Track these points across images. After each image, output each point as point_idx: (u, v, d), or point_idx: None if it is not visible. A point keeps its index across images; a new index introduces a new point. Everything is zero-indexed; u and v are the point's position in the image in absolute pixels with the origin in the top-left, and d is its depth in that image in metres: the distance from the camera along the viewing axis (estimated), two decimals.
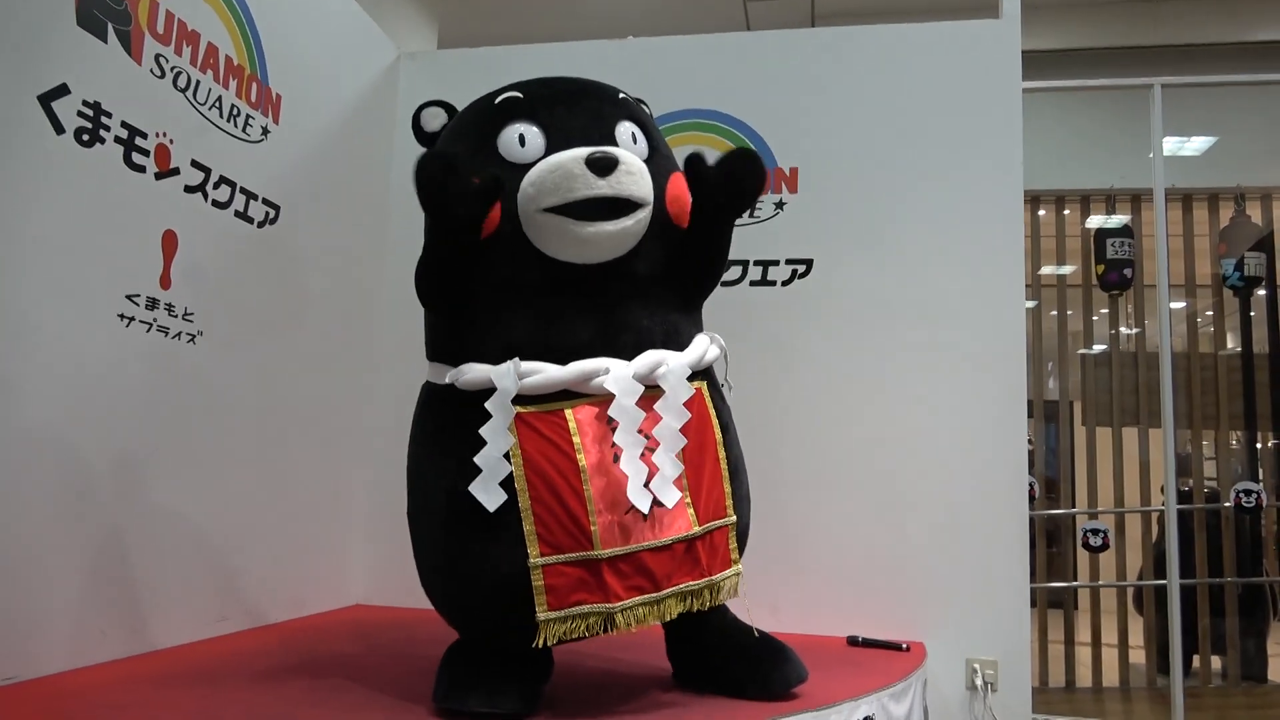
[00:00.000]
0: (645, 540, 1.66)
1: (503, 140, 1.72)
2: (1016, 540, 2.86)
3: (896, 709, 2.19)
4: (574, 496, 1.63)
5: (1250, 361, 4.87)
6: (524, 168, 1.68)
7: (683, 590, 1.70)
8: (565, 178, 1.63)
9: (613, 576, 1.63)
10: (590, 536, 1.63)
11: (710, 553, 1.75)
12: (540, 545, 1.62)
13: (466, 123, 1.84)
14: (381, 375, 3.27)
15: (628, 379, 1.67)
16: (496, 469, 1.62)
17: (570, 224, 1.66)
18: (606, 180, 1.63)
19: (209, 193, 2.38)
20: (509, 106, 1.76)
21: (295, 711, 1.75)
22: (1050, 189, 4.99)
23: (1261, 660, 4.68)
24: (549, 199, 1.64)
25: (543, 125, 1.72)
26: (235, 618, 2.52)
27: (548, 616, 1.62)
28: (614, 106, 1.84)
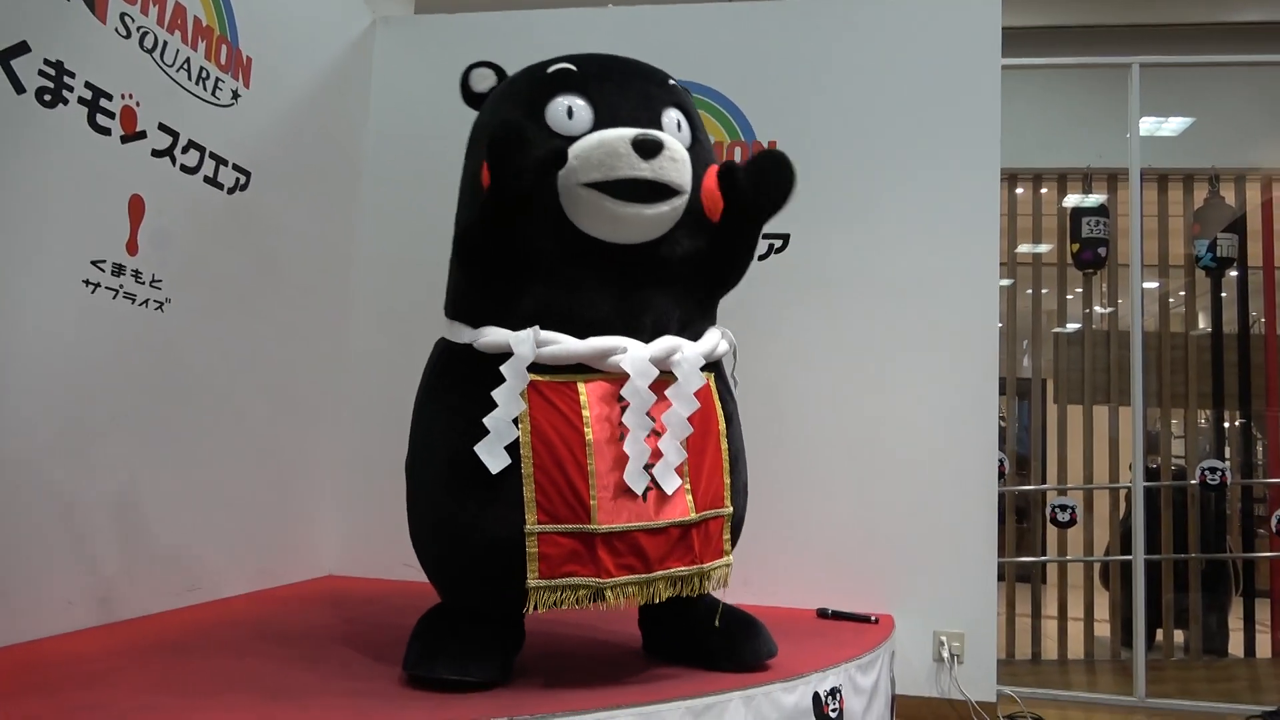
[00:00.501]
0: (642, 520, 1.67)
1: (551, 110, 1.73)
2: (985, 516, 2.90)
3: (863, 680, 2.22)
4: (577, 469, 1.65)
5: (1220, 342, 4.93)
6: (568, 140, 1.69)
7: (673, 575, 1.72)
8: (610, 155, 1.63)
9: (606, 552, 1.65)
10: (589, 510, 1.64)
11: (704, 541, 1.76)
12: (538, 513, 1.64)
13: (517, 88, 1.83)
14: (355, 345, 3.25)
15: (644, 360, 1.69)
16: (504, 432, 1.64)
17: (608, 201, 1.66)
18: (650, 163, 1.64)
19: (177, 157, 2.33)
20: (561, 77, 1.76)
21: (265, 679, 1.75)
22: (1028, 167, 5.00)
23: (1223, 635, 4.78)
24: (591, 174, 1.65)
25: (591, 100, 1.72)
26: (205, 588, 2.51)
27: (538, 584, 1.63)
28: (662, 91, 1.84)
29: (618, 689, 1.74)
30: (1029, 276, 5.10)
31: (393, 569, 3.13)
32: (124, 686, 1.66)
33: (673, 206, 1.71)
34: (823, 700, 1.99)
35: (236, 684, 1.71)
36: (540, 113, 1.72)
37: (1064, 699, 3.36)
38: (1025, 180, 5.07)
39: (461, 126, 3.31)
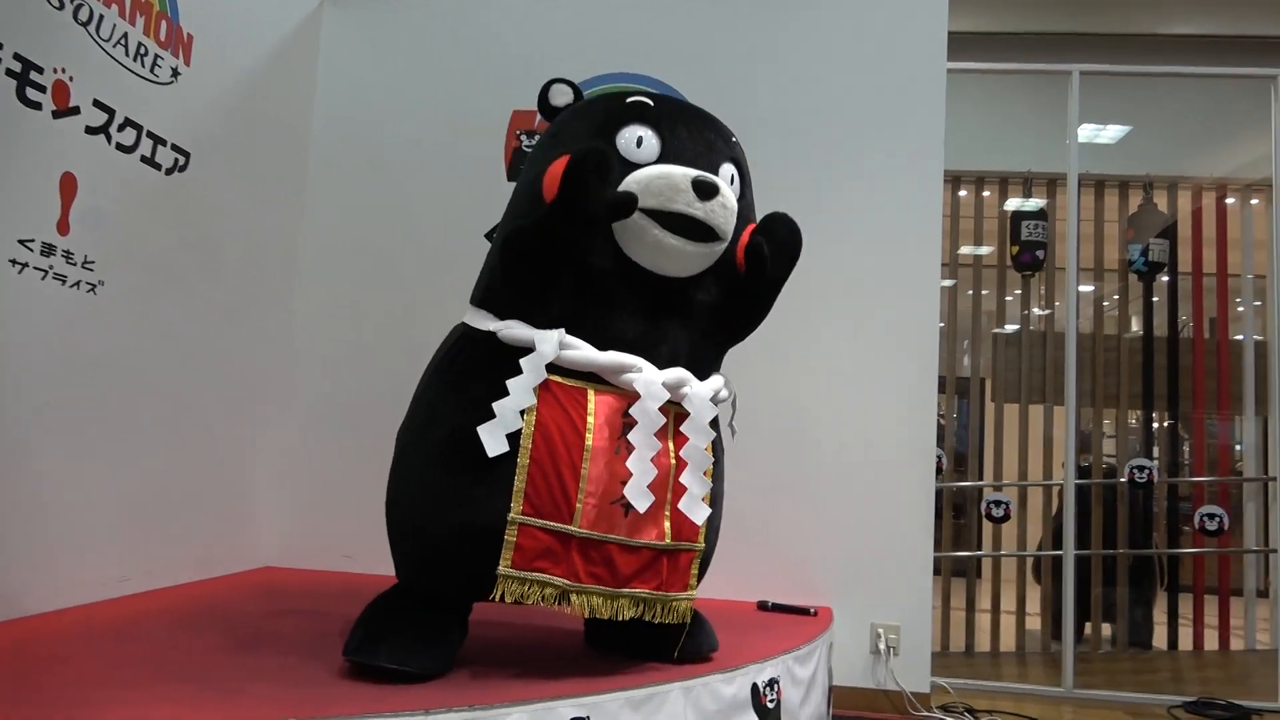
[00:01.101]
0: (619, 535, 1.73)
1: (623, 135, 1.79)
2: (923, 511, 2.96)
3: (801, 671, 2.25)
4: (570, 470, 1.69)
5: (1151, 344, 5.09)
6: (633, 166, 1.77)
7: (637, 595, 1.77)
8: (669, 188, 1.72)
9: (579, 557, 1.70)
10: (573, 512, 1.69)
11: (672, 569, 1.81)
12: (524, 504, 1.67)
13: (595, 109, 1.89)
14: (301, 332, 3.19)
15: (657, 384, 1.76)
16: (509, 420, 1.67)
17: (656, 230, 1.74)
18: (704, 204, 1.73)
19: (113, 135, 2.26)
20: (639, 109, 1.83)
21: (198, 670, 1.71)
22: (970, 170, 5.10)
23: (1148, 628, 4.94)
24: (648, 201, 1.72)
25: (662, 136, 1.80)
26: (137, 579, 2.44)
27: (508, 573, 1.66)
28: (726, 145, 1.93)
29: (558, 681, 1.74)
30: (970, 277, 5.21)
31: (333, 561, 3.09)
32: (52, 678, 1.61)
33: (713, 250, 1.81)
34: (761, 691, 2.02)
35: (168, 674, 1.68)
36: (612, 135, 1.79)
37: (995, 690, 3.45)
38: (968, 183, 5.17)
39: (412, 110, 3.29)
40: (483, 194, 3.10)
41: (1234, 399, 5.06)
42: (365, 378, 3.17)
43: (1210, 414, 5.19)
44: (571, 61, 3.19)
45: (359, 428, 3.16)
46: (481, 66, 3.27)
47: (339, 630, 2.14)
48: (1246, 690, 3.80)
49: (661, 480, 1.76)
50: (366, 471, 3.14)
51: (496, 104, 3.23)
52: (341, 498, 3.12)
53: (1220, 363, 5.12)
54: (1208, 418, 5.22)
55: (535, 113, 3.19)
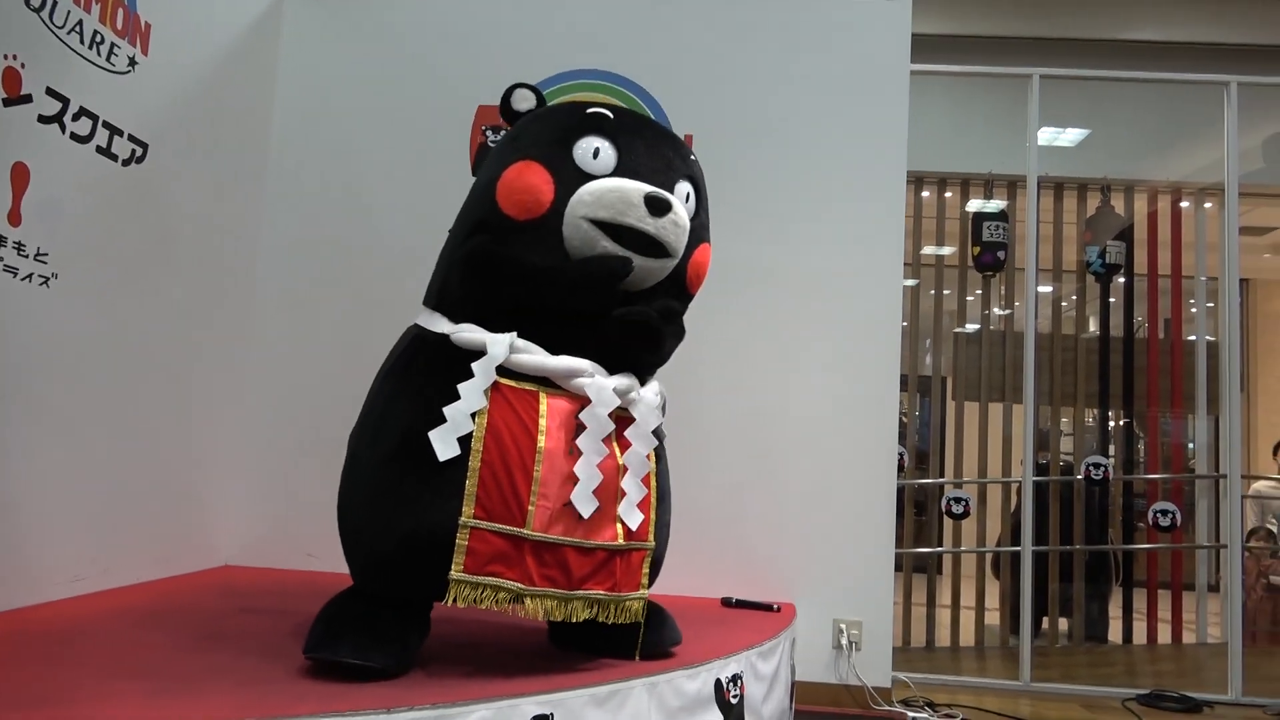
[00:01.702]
0: (573, 537, 1.72)
1: (580, 146, 1.79)
2: (885, 508, 2.99)
3: (764, 666, 2.27)
4: (522, 472, 1.68)
5: (1107, 344, 5.19)
6: (588, 176, 1.77)
7: (591, 597, 1.77)
8: (622, 201, 1.73)
9: (533, 560, 1.69)
10: (525, 515, 1.68)
11: (625, 570, 1.82)
12: (476, 507, 1.66)
13: (555, 118, 1.88)
14: (258, 328, 3.15)
15: (608, 390, 1.77)
16: (460, 424, 1.67)
17: (606, 242, 1.75)
18: (655, 220, 1.74)
19: (67, 125, 2.21)
20: (598, 120, 1.83)
21: (154, 670, 1.68)
22: (933, 171, 5.16)
23: (1103, 622, 5.05)
24: (600, 212, 1.73)
25: (619, 149, 1.81)
26: (92, 578, 2.40)
27: (460, 577, 1.65)
28: (684, 163, 1.92)
29: (521, 678, 1.74)
30: (932, 277, 5.27)
31: (293, 559, 3.05)
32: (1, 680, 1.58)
33: (662, 265, 1.83)
34: (724, 687, 2.03)
35: (123, 674, 1.65)
36: (570, 145, 1.79)
37: (954, 684, 3.50)
38: (930, 184, 5.23)
39: (375, 104, 3.26)
40: (447, 190, 3.06)
41: (1187, 398, 5.17)
42: (326, 375, 3.13)
43: (1164, 413, 5.31)
44: (538, 58, 3.19)
45: (320, 425, 3.12)
46: (446, 61, 3.24)
47: (300, 629, 2.12)
48: (1198, 683, 3.89)
49: (610, 483, 1.77)
50: (328, 469, 3.10)
51: (461, 99, 3.21)
52: (303, 495, 3.09)
53: (1174, 363, 5.23)
54: (1161, 416, 5.34)
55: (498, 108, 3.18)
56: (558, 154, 1.78)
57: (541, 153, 1.77)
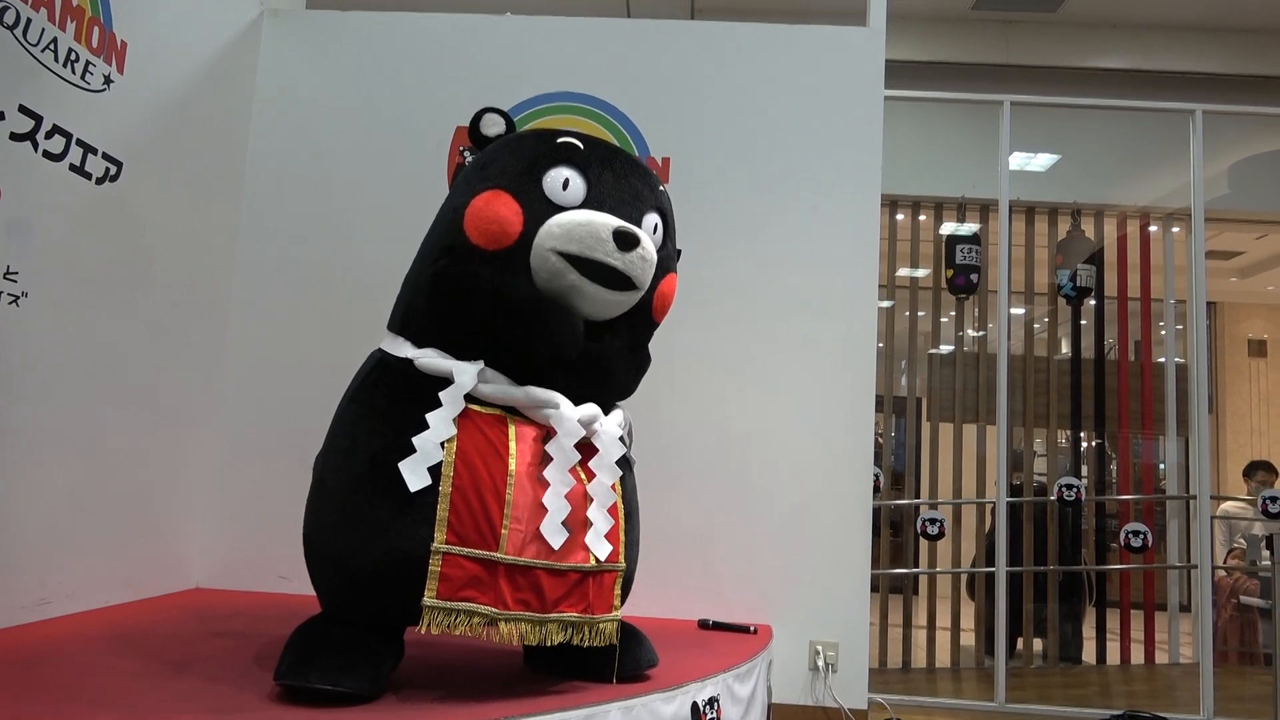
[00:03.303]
0: (546, 560, 1.72)
1: (550, 176, 1.78)
2: (860, 529, 3.00)
3: (741, 689, 2.26)
4: (494, 496, 1.68)
5: (1079, 366, 5.26)
6: (557, 208, 1.76)
7: (565, 619, 1.76)
8: (591, 236, 1.73)
9: (506, 584, 1.67)
10: (498, 539, 1.67)
11: (597, 591, 1.81)
12: (448, 533, 1.65)
13: (525, 147, 1.85)
14: (232, 349, 3.12)
15: (573, 421, 1.77)
16: (430, 453, 1.67)
17: (573, 275, 1.75)
18: (623, 255, 1.74)
19: (39, 142, 2.20)
20: (567, 150, 1.82)
21: (120, 696, 1.65)
22: (907, 194, 5.23)
23: (1077, 643, 5.08)
24: (568, 246, 1.73)
25: (589, 180, 1.80)
26: (58, 601, 2.35)
27: (434, 604, 1.63)
28: (652, 194, 1.91)
29: (495, 701, 1.72)
30: (907, 299, 5.32)
31: (264, 581, 3.01)
32: None
33: (629, 298, 1.83)
34: (701, 710, 2.02)
35: (87, 701, 1.62)
36: (540, 175, 1.78)
37: (930, 705, 3.50)
38: (905, 207, 5.30)
39: (353, 124, 3.26)
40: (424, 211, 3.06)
41: (1157, 419, 5.25)
42: (300, 396, 3.10)
43: (1135, 434, 5.37)
44: (516, 81, 3.20)
45: (293, 446, 3.08)
46: (424, 82, 3.25)
47: (272, 653, 2.09)
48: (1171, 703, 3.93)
49: (579, 510, 1.77)
50: (301, 491, 3.07)
51: (439, 120, 3.21)
52: (275, 518, 3.04)
53: (1144, 384, 5.31)
54: (1133, 437, 5.40)
55: None
56: (527, 184, 1.76)
57: (510, 182, 1.76)
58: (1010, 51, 5.80)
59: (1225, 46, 5.73)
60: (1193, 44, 5.74)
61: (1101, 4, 5.53)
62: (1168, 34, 5.75)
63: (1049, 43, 5.78)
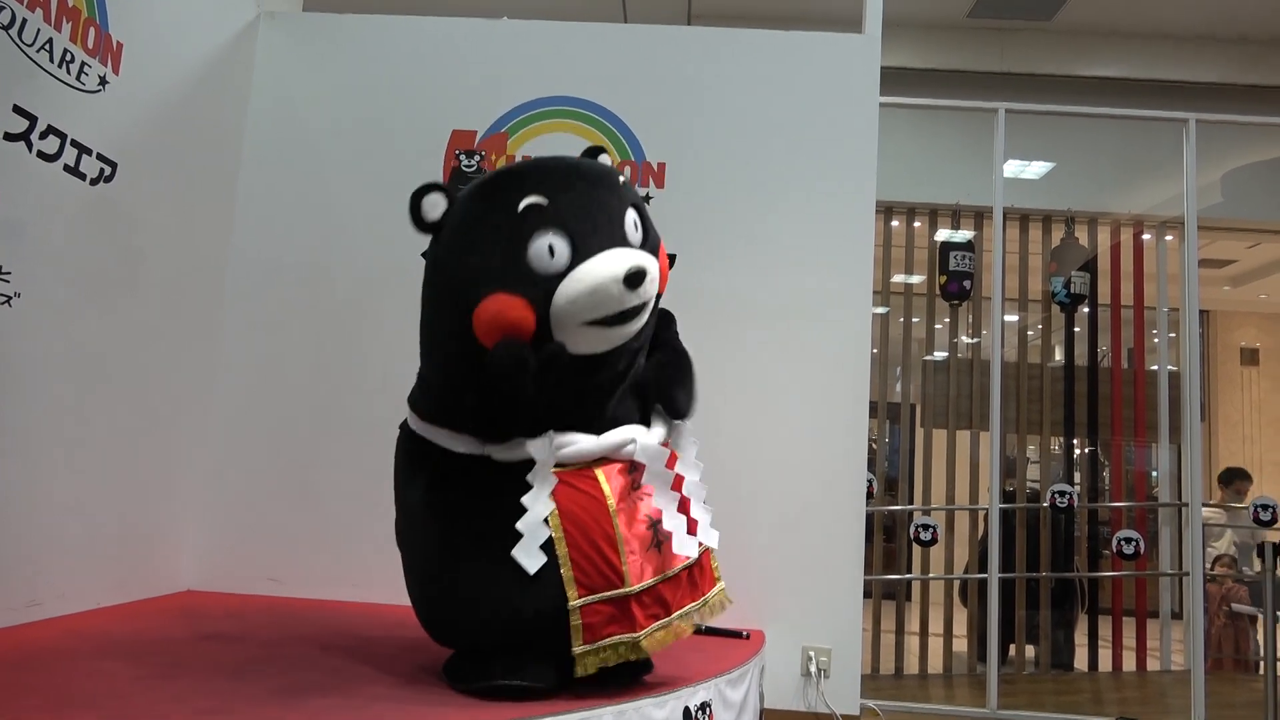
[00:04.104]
0: (662, 572, 1.84)
1: (533, 252, 1.74)
2: (854, 535, 3.00)
3: (733, 694, 2.26)
4: (607, 541, 1.78)
5: (1072, 373, 5.27)
6: (554, 277, 1.74)
7: (688, 611, 1.88)
8: (605, 298, 1.74)
9: (638, 608, 1.79)
10: (622, 575, 1.78)
11: (701, 574, 1.94)
12: (578, 588, 1.75)
13: (488, 228, 1.78)
14: (225, 352, 3.11)
15: (655, 447, 1.87)
16: (537, 533, 1.75)
17: (604, 330, 1.78)
18: (636, 291, 1.75)
19: (34, 143, 2.19)
20: (534, 215, 1.76)
21: (110, 699, 1.65)
22: (902, 201, 5.24)
23: (1070, 650, 5.08)
24: (589, 315, 1.74)
25: (569, 234, 1.76)
26: (48, 603, 2.34)
27: (583, 650, 1.76)
28: (620, 198, 1.88)
29: (488, 704, 1.72)
30: (901, 305, 5.33)
31: (256, 584, 3.00)
32: None
33: (649, 311, 1.87)
34: (693, 714, 2.02)
35: (76, 704, 1.61)
36: (522, 255, 1.74)
37: (922, 711, 3.50)
38: (900, 213, 5.31)
39: (348, 128, 3.26)
40: None
41: (1149, 427, 5.26)
42: (293, 399, 3.11)
43: (1127, 441, 5.39)
44: (512, 84, 3.21)
45: (285, 449, 3.09)
46: (420, 85, 3.25)
47: (263, 656, 2.08)
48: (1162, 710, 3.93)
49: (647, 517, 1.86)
50: (292, 494, 3.08)
51: (434, 123, 3.21)
52: (266, 520, 3.04)
53: (1137, 392, 5.32)
54: (1125, 445, 5.41)
55: (475, 133, 3.19)
56: (517, 272, 1.72)
57: (503, 279, 1.71)
58: (1005, 59, 5.82)
59: (1219, 56, 5.75)
60: (1187, 53, 5.77)
61: (1096, 13, 5.55)
62: (1162, 43, 5.77)
63: (1044, 51, 5.80)
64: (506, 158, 3.17)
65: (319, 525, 3.01)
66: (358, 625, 2.55)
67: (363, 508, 2.65)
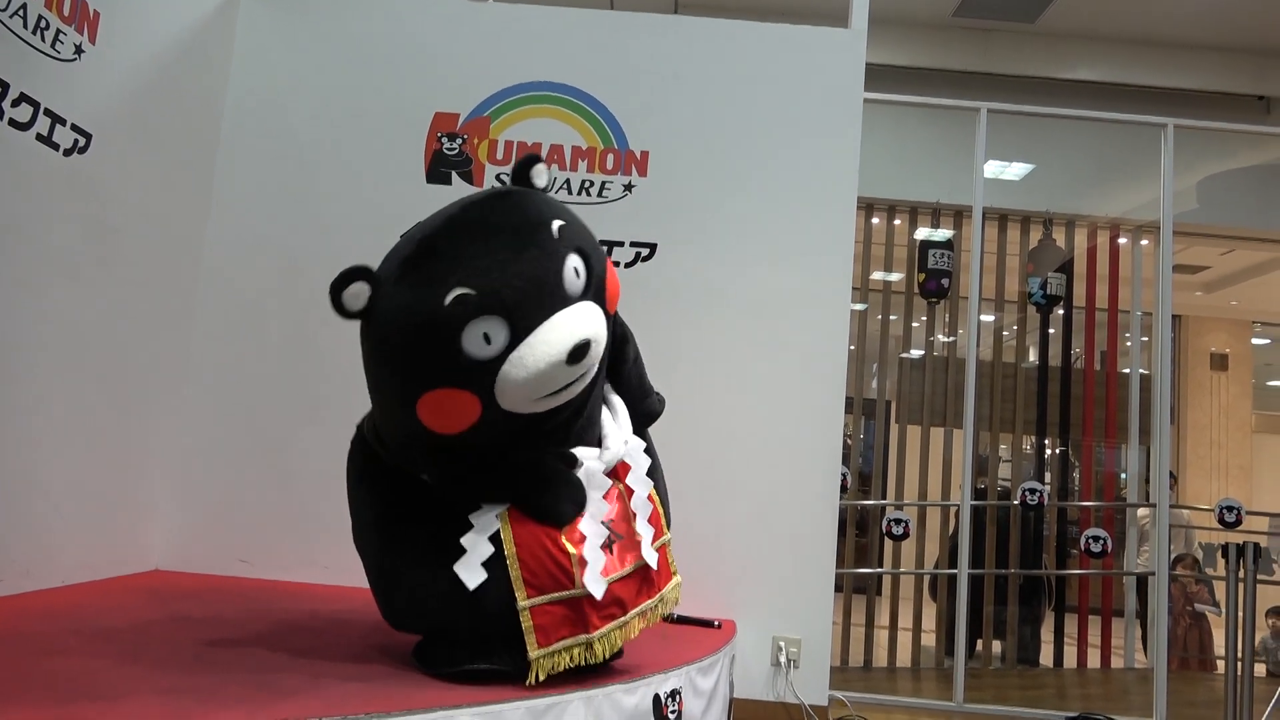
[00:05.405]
0: (612, 573, 1.80)
1: (467, 341, 1.64)
2: (826, 528, 3.01)
3: (703, 682, 2.26)
4: (553, 543, 1.76)
5: (1045, 374, 5.32)
6: (493, 360, 1.65)
7: (643, 609, 1.87)
8: (548, 379, 1.69)
9: (591, 609, 1.78)
10: (573, 576, 1.76)
11: (659, 570, 1.92)
12: (527, 589, 1.74)
13: (419, 324, 1.66)
14: (199, 330, 3.08)
15: (600, 475, 1.84)
16: (481, 550, 1.75)
17: (554, 399, 1.74)
18: (582, 363, 1.70)
19: (5, 111, 2.15)
20: (461, 306, 1.63)
21: (71, 679, 1.63)
22: (883, 198, 5.26)
23: (1035, 645, 5.15)
24: (539, 393, 1.71)
25: (504, 316, 1.65)
26: (9, 580, 2.31)
27: (539, 653, 1.74)
28: (554, 251, 1.73)
29: (458, 688, 1.72)
30: (880, 302, 5.36)
31: (225, 564, 2.98)
32: None
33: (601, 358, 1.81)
34: (663, 702, 2.02)
35: (37, 683, 1.59)
36: (456, 348, 1.64)
37: (889, 703, 3.53)
38: (880, 211, 5.33)
39: (330, 106, 3.22)
40: (400, 196, 3.05)
41: (1120, 428, 5.32)
42: (265, 379, 3.08)
43: (1098, 442, 5.45)
44: (494, 66, 3.19)
45: (257, 431, 3.07)
46: (403, 65, 3.22)
47: (231, 637, 2.07)
48: (1125, 706, 3.99)
49: (621, 514, 1.86)
50: (263, 475, 3.06)
51: (417, 104, 3.18)
52: (236, 500, 3.02)
53: (1108, 394, 5.38)
54: (1096, 445, 5.48)
55: (457, 115, 3.17)
56: (455, 364, 1.64)
57: (442, 375, 1.65)
58: (989, 60, 5.86)
59: (1199, 63, 5.82)
60: (1167, 60, 5.83)
61: (1079, 16, 5.59)
62: (1143, 49, 5.83)
63: (1027, 52, 5.84)
64: (489, 142, 3.15)
65: (290, 507, 2.99)
66: (327, 608, 2.53)
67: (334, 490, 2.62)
